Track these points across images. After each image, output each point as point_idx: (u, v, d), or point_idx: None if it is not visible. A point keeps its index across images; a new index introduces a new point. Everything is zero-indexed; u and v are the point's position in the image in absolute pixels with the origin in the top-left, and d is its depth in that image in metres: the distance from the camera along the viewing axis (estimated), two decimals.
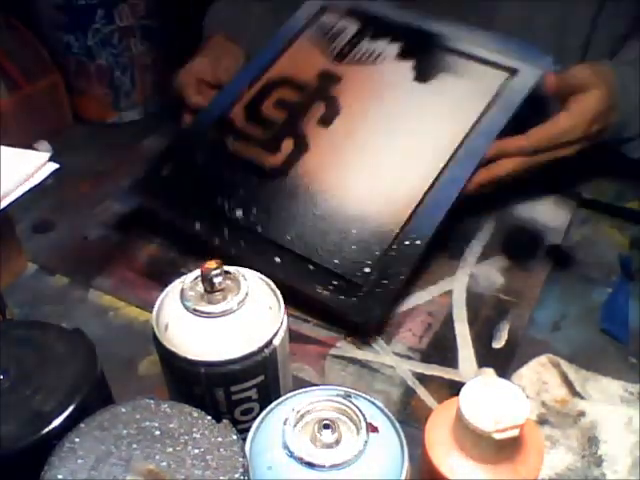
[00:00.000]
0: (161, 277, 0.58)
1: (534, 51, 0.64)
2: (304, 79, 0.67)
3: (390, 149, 0.60)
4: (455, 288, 0.58)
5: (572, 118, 0.60)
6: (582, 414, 0.46)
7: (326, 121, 0.64)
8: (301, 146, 0.63)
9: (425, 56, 0.66)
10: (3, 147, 0.56)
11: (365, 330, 0.53)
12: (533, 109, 0.62)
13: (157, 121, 0.84)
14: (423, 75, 0.64)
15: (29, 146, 0.73)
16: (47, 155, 0.56)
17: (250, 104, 0.67)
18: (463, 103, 0.62)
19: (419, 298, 0.57)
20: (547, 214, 0.66)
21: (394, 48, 0.67)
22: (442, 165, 0.58)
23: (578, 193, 0.69)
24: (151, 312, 0.39)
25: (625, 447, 0.44)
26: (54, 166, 0.56)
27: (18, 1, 0.76)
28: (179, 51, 0.87)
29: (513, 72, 0.63)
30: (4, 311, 0.50)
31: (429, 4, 0.66)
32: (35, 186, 0.54)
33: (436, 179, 0.57)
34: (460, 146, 0.59)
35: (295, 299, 0.53)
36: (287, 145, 0.63)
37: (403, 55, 0.66)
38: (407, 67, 0.65)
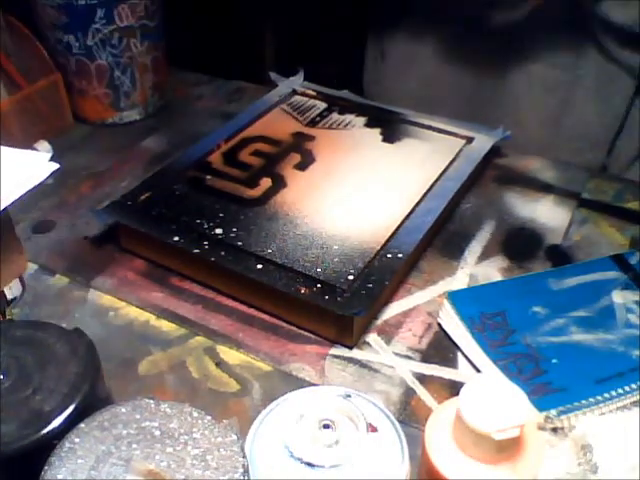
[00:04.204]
0: (161, 277, 0.58)
1: (484, 126, 0.72)
2: (279, 137, 0.72)
3: (366, 189, 0.64)
4: (455, 288, 0.58)
5: None
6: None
7: (302, 167, 0.67)
8: (279, 183, 0.65)
9: (390, 125, 0.74)
10: (3, 147, 0.56)
11: (348, 329, 0.52)
12: None
13: (157, 121, 0.84)
14: (390, 138, 0.72)
15: (29, 146, 0.73)
16: (47, 155, 0.56)
17: (227, 152, 0.70)
18: (429, 158, 0.68)
19: (419, 298, 0.57)
20: (547, 214, 0.66)
21: (361, 120, 0.75)
22: (417, 200, 0.62)
23: (578, 193, 0.69)
24: (151, 312, 0.39)
25: (620, 452, 0.44)
26: (54, 166, 0.56)
27: (18, 1, 0.76)
28: (179, 51, 0.87)
29: (470, 140, 0.71)
30: (4, 311, 0.50)
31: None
32: (35, 186, 0.54)
33: (412, 210, 0.60)
34: (431, 188, 0.63)
35: (277, 302, 0.54)
36: (265, 182, 0.65)
37: (370, 125, 0.74)
38: (375, 132, 0.73)
